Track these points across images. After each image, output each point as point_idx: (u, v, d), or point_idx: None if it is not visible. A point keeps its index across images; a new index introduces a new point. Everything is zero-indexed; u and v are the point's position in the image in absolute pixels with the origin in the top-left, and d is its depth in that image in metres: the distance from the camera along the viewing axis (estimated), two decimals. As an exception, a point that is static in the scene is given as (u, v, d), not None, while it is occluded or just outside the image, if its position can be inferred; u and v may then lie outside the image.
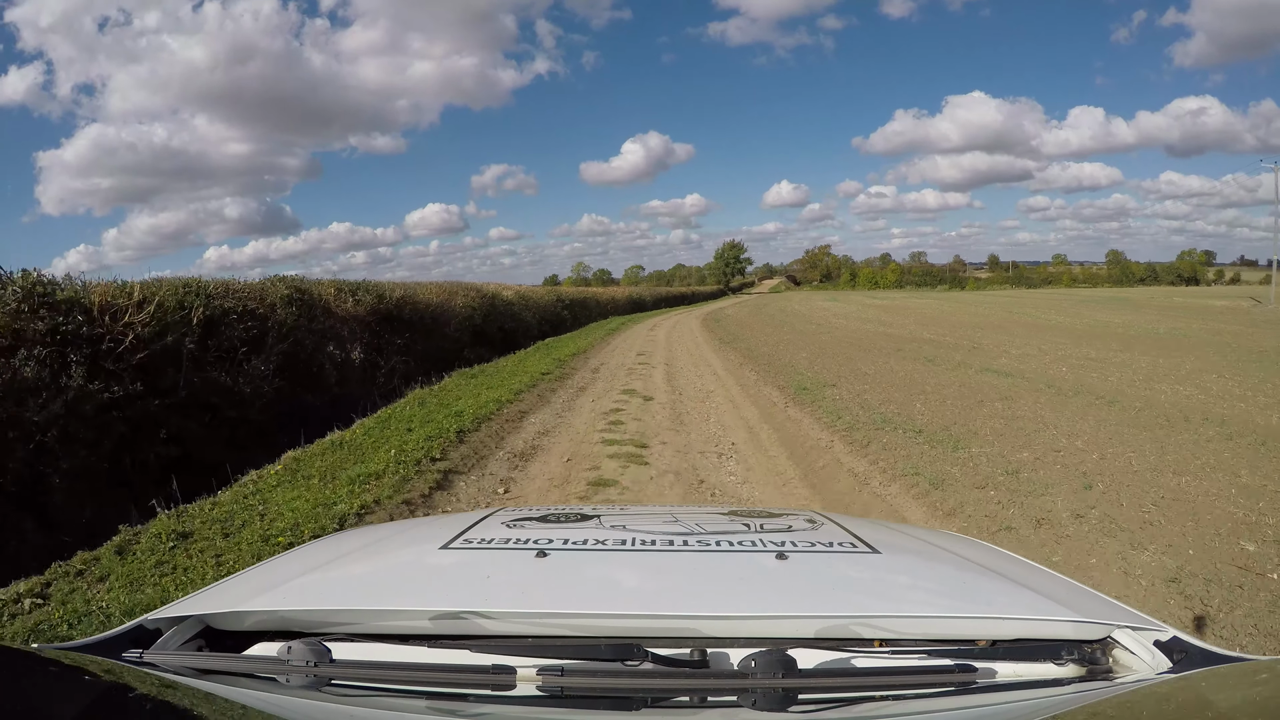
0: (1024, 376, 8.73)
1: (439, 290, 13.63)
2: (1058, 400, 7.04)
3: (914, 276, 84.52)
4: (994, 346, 12.95)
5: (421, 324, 11.98)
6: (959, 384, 8.28)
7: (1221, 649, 0.85)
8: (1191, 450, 4.95)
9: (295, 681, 0.77)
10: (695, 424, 6.88)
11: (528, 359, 12.27)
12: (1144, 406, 6.60)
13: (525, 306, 19.45)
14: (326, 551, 1.27)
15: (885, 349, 12.98)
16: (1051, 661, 0.86)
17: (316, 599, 0.95)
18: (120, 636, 0.89)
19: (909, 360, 10.96)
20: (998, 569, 1.11)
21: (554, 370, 10.64)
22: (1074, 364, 10.04)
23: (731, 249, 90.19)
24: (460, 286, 15.13)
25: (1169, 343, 13.38)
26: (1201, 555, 3.26)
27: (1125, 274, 77.95)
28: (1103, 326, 18.21)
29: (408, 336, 11.62)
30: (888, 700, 0.77)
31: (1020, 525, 3.75)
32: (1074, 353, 11.61)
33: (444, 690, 0.76)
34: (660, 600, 0.92)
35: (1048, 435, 5.52)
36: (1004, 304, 32.67)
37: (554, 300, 23.84)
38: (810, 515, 1.35)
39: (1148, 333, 15.96)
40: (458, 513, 2.99)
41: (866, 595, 0.98)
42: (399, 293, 11.55)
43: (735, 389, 9.14)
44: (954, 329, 17.93)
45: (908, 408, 6.82)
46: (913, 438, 5.56)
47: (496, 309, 16.41)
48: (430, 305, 12.64)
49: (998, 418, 6.20)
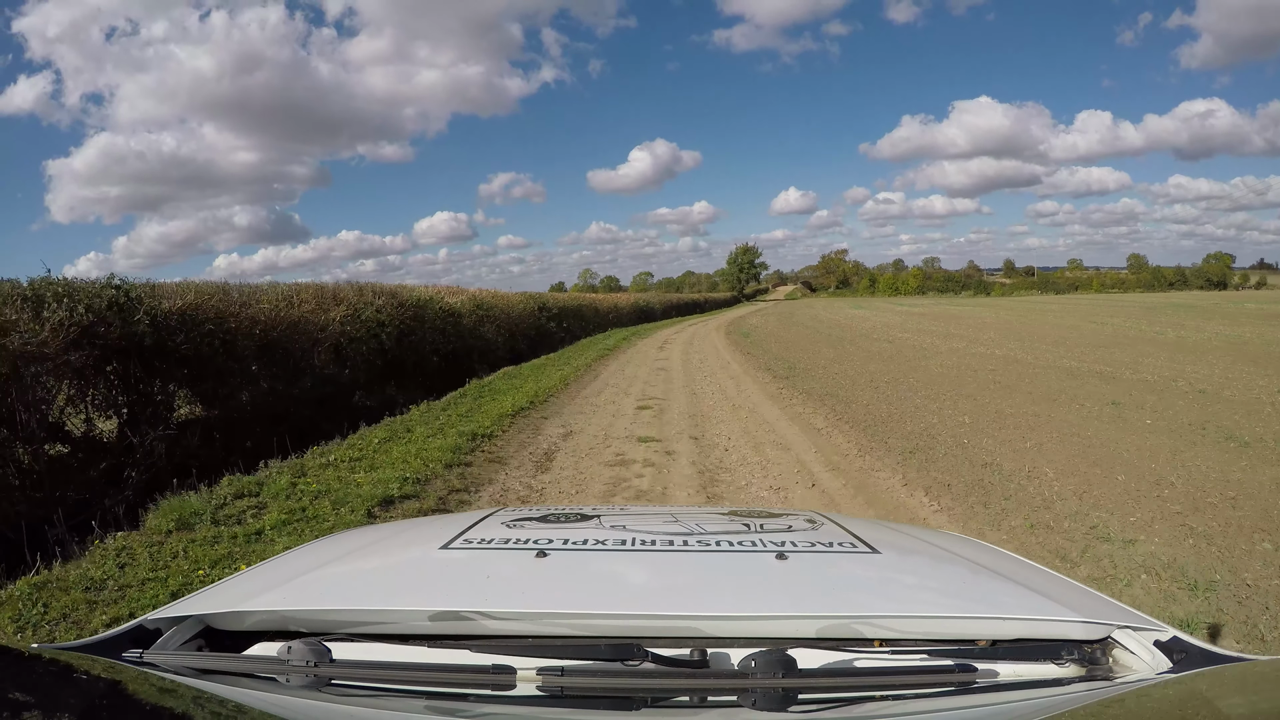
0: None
1: (287, 298, 7.86)
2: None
3: (935, 282, 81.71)
4: (1178, 377, 8.81)
5: (236, 353, 6.46)
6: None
7: (1222, 649, 0.84)
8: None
9: (295, 681, 0.77)
10: None
11: (417, 424, 6.81)
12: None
13: (486, 319, 13.90)
14: (326, 551, 1.27)
15: (1032, 388, 8.43)
16: (1052, 661, 0.85)
17: (316, 599, 0.94)
18: (120, 636, 0.88)
19: (1138, 415, 6.41)
20: (998, 569, 1.11)
21: (427, 475, 5.01)
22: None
23: (745, 253, 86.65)
24: (350, 291, 9.32)
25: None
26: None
27: (1157, 278, 76.03)
28: (1234, 341, 13.90)
29: (202, 382, 6.12)
30: (888, 700, 0.76)
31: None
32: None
33: (444, 690, 0.76)
34: (660, 600, 0.91)
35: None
36: (1074, 312, 27.32)
37: (533, 310, 18.18)
38: (810, 515, 1.34)
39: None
40: (458, 513, 2.88)
41: (866, 595, 0.97)
42: (175, 304, 5.90)
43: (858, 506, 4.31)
44: (1074, 349, 13.02)
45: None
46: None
47: (427, 324, 10.84)
48: (269, 322, 7.11)
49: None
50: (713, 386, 9.64)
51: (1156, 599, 3.01)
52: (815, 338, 18.16)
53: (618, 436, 6.40)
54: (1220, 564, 3.29)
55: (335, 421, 6.82)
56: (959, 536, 1.54)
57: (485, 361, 13.09)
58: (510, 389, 9.15)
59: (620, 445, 6.05)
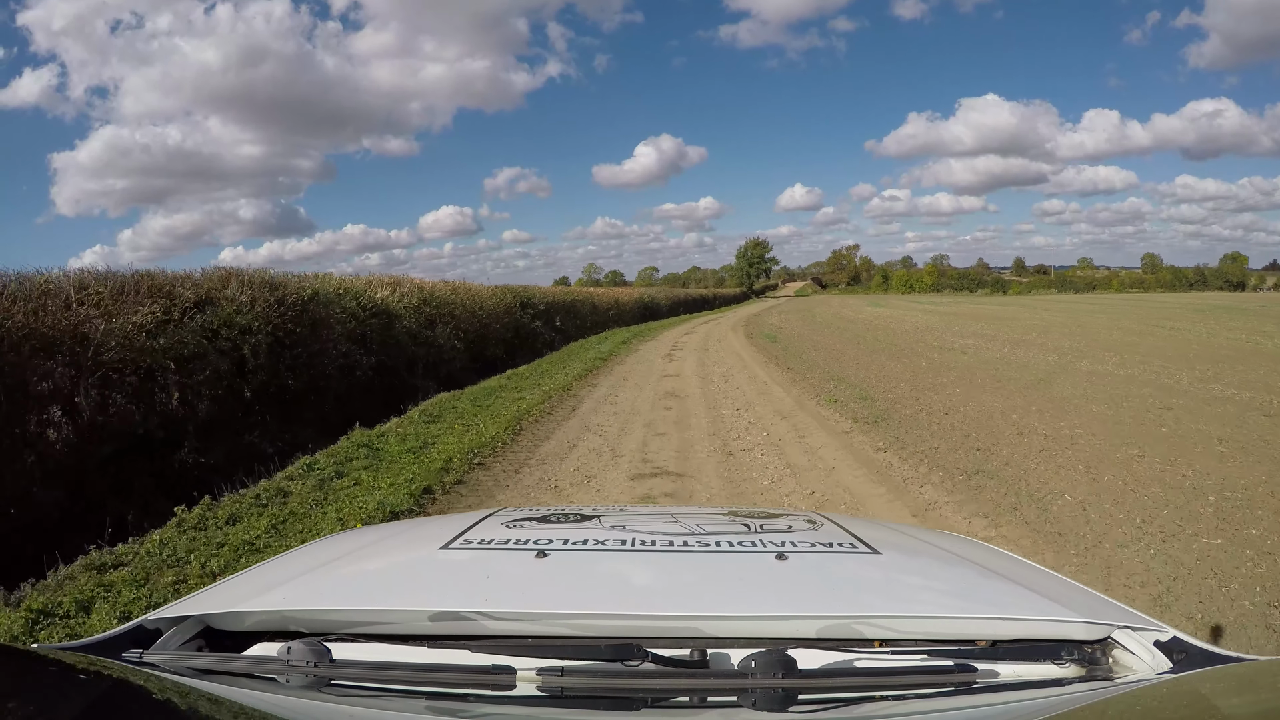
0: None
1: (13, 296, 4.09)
2: None
3: (950, 280, 78.75)
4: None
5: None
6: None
7: (1222, 649, 0.83)
8: None
9: (295, 681, 0.76)
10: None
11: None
12: None
13: (436, 318, 10.39)
14: (326, 551, 1.26)
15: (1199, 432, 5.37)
16: (1052, 662, 0.85)
17: (316, 599, 0.94)
18: (120, 636, 0.88)
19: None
20: (998, 569, 1.10)
21: None
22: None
23: (755, 247, 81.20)
24: (174, 281, 5.51)
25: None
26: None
27: (1178, 278, 74.78)
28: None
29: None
30: (888, 700, 0.76)
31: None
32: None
33: (444, 690, 0.76)
34: (660, 600, 0.91)
35: None
36: (1123, 314, 23.35)
37: (510, 306, 14.25)
38: (810, 516, 1.34)
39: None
40: (458, 513, 2.81)
41: (866, 595, 0.97)
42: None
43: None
44: (1214, 366, 9.51)
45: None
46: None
47: (333, 329, 7.29)
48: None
49: None
50: (758, 437, 5.81)
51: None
52: (860, 344, 14.55)
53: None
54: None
55: (124, 500, 3.59)
56: (959, 537, 1.54)
57: (435, 376, 9.65)
58: (408, 452, 5.34)
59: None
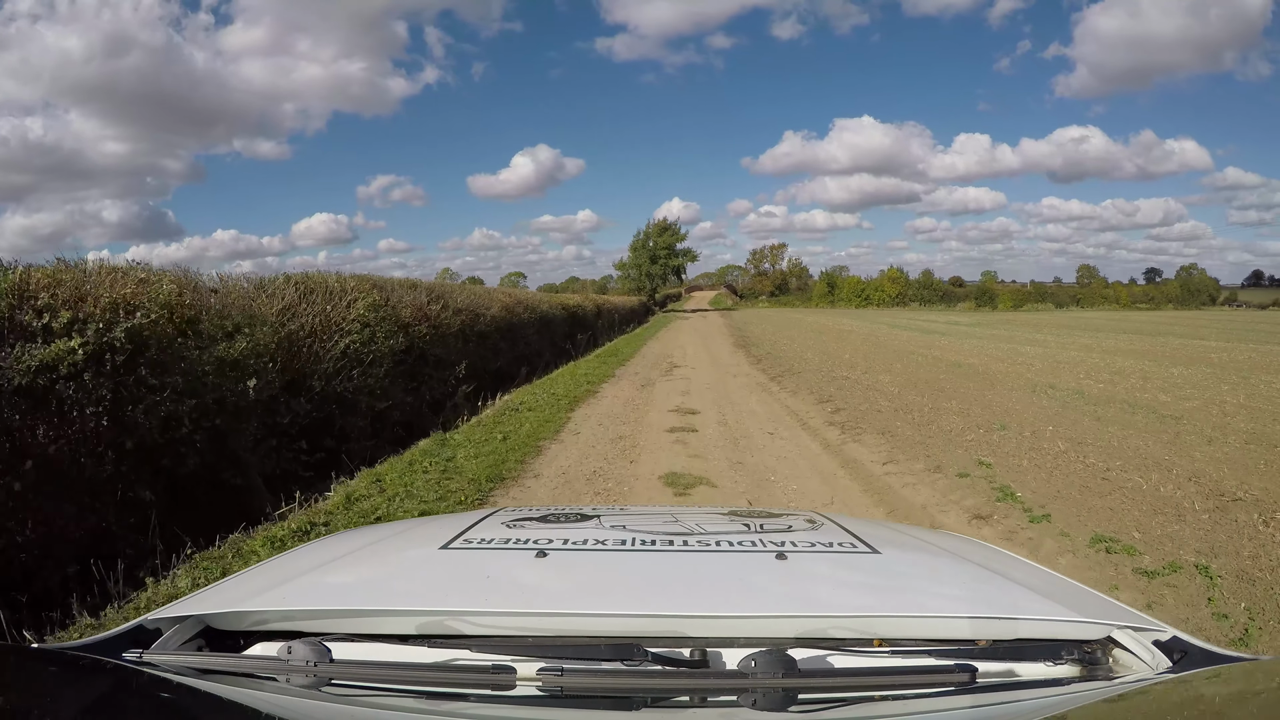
0: None
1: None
2: None
3: (915, 291, 65.97)
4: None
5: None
6: None
7: (1222, 649, 0.83)
8: None
9: (295, 681, 0.76)
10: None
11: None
12: None
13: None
14: (326, 551, 1.24)
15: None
16: (1052, 661, 0.85)
17: (316, 599, 0.93)
18: (120, 636, 0.87)
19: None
20: (998, 569, 1.09)
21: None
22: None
23: (662, 233, 55.01)
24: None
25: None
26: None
27: (1188, 291, 70.61)
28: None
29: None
30: (888, 700, 0.76)
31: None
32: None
33: (444, 690, 0.75)
34: (660, 600, 0.90)
35: None
36: (1169, 332, 20.71)
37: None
38: (810, 515, 1.33)
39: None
40: (458, 513, 2.84)
41: (866, 595, 0.96)
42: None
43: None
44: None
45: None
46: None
47: None
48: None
49: None
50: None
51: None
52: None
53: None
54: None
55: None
56: (959, 537, 1.53)
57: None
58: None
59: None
